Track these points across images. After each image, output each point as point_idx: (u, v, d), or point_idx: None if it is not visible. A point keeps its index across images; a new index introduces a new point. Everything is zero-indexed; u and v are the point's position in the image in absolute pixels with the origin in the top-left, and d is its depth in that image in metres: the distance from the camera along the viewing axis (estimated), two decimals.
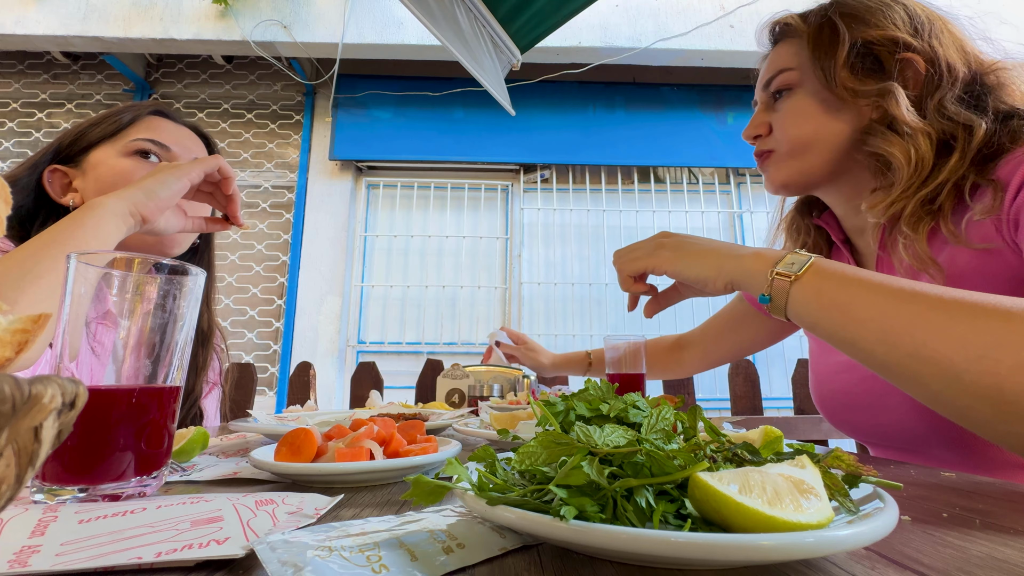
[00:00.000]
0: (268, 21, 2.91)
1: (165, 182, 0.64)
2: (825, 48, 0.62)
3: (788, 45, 0.68)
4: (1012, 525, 0.30)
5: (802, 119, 0.64)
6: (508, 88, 1.88)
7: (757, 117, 0.71)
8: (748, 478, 0.22)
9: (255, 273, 3.17)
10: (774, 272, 0.48)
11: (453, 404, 1.05)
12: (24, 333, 0.20)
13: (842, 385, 0.69)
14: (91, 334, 0.36)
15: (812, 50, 0.63)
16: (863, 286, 0.43)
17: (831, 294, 0.45)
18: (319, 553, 0.23)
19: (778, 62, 0.68)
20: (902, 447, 0.65)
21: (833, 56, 0.61)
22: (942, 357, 0.38)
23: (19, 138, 3.28)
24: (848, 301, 0.43)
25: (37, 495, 0.33)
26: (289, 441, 0.42)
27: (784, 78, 0.67)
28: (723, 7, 2.96)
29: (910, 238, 0.56)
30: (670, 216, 3.24)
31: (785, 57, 0.67)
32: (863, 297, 0.43)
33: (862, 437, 0.71)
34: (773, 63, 0.69)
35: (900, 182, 0.57)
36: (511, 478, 0.28)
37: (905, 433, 0.62)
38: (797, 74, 0.65)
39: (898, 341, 0.40)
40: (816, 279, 0.46)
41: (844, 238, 0.72)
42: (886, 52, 0.60)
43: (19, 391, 0.14)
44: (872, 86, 0.59)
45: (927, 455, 0.62)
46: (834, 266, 0.46)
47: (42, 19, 2.87)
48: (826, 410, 0.73)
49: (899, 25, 0.60)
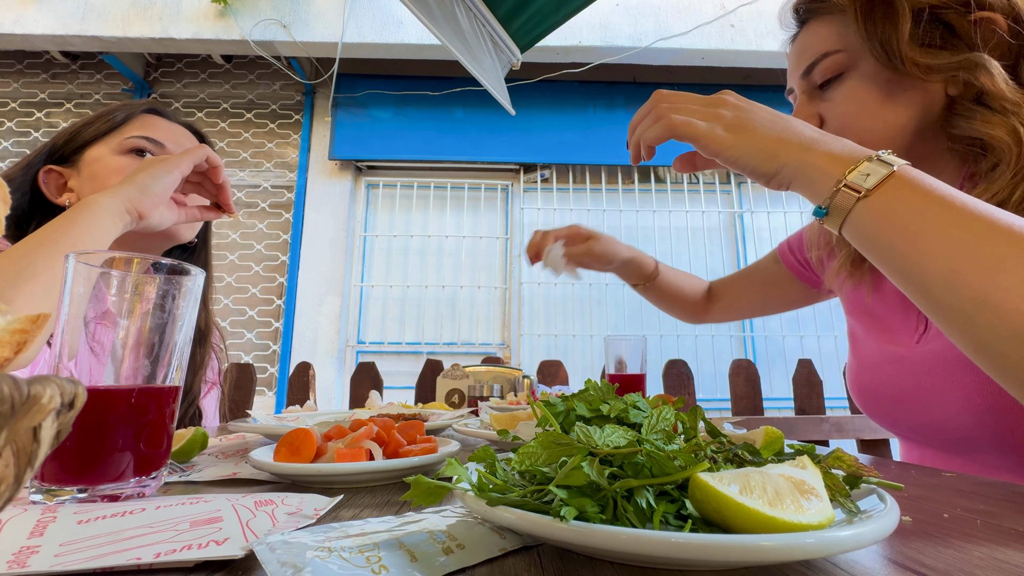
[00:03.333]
0: (267, 20, 2.91)
1: (157, 176, 0.64)
2: (881, 22, 0.52)
3: (826, 23, 0.58)
4: (1013, 526, 0.30)
5: (868, 110, 0.55)
6: (508, 88, 1.88)
7: (802, 110, 0.60)
8: (749, 479, 0.22)
9: (254, 273, 3.16)
10: (843, 183, 0.40)
11: (453, 404, 1.05)
12: (23, 333, 0.20)
13: (889, 377, 0.62)
14: (90, 334, 0.36)
15: (864, 26, 0.54)
16: (946, 209, 0.36)
17: (904, 217, 0.37)
18: (318, 554, 0.23)
19: (819, 44, 0.58)
20: (946, 448, 0.60)
21: (894, 29, 0.51)
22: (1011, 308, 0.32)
23: (18, 138, 3.27)
24: (921, 228, 0.36)
25: (36, 495, 0.33)
26: (288, 441, 0.42)
27: (832, 62, 0.57)
28: (723, 6, 2.96)
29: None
30: (670, 216, 3.24)
31: (827, 38, 0.57)
32: (941, 225, 0.36)
33: (901, 432, 0.65)
34: (811, 46, 0.59)
35: (1009, 165, 0.47)
36: (511, 479, 0.28)
37: (954, 434, 0.57)
38: (847, 56, 0.56)
39: (964, 285, 0.34)
40: (892, 196, 0.38)
41: None
42: (955, 15, 0.51)
43: (18, 391, 0.14)
44: (949, 59, 0.50)
45: (972, 458, 0.58)
46: (918, 180, 0.38)
47: (41, 18, 2.87)
48: (866, 401, 0.67)
49: None
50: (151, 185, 0.63)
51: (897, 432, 0.67)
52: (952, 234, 0.35)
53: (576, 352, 3.07)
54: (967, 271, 0.34)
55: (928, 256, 0.36)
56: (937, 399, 0.57)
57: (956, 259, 0.35)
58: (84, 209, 0.57)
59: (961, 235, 0.35)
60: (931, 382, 0.57)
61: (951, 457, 0.61)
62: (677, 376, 1.43)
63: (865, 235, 0.40)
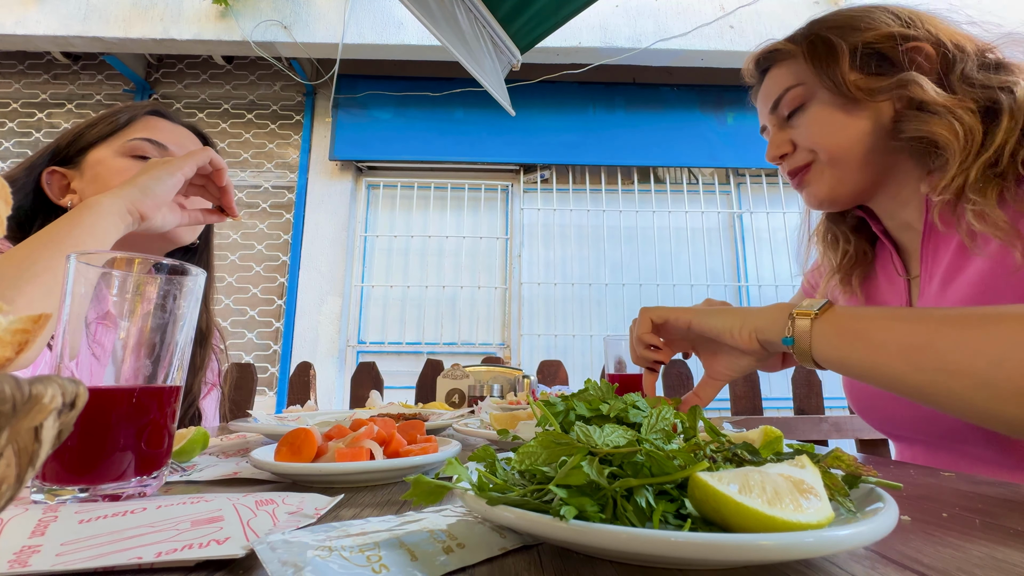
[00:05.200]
0: (268, 21, 2.91)
1: (159, 178, 0.64)
2: (825, 60, 0.62)
3: (783, 68, 0.67)
4: (1012, 525, 0.30)
5: (832, 127, 0.63)
6: (508, 88, 1.88)
7: (776, 137, 0.69)
8: (748, 478, 0.22)
9: (255, 273, 3.17)
10: (794, 312, 0.50)
11: (453, 404, 1.05)
12: (24, 333, 0.20)
13: None
14: (91, 334, 0.36)
15: (812, 64, 0.63)
16: (878, 314, 0.47)
17: (849, 324, 0.48)
18: (319, 553, 0.23)
19: (780, 83, 0.67)
20: (936, 442, 0.64)
21: (836, 65, 0.61)
22: (966, 366, 0.40)
23: (19, 138, 3.28)
24: (866, 327, 0.46)
25: (37, 495, 0.33)
26: (289, 441, 0.42)
27: (793, 95, 0.66)
28: (723, 7, 2.96)
29: (979, 203, 0.54)
30: (670, 216, 3.24)
31: (786, 77, 0.66)
32: (879, 323, 0.46)
33: (892, 430, 0.69)
34: (774, 86, 0.68)
35: (955, 156, 0.55)
36: (511, 478, 0.28)
37: (942, 424, 0.61)
38: (805, 88, 0.64)
39: (921, 358, 0.42)
40: (833, 315, 0.49)
41: (884, 230, 0.70)
42: (889, 47, 0.60)
43: (19, 391, 0.14)
44: (887, 81, 0.59)
45: (961, 452, 0.61)
46: (848, 307, 0.50)
47: (42, 19, 2.88)
48: (858, 402, 0.71)
49: (889, 23, 0.60)
50: (153, 187, 0.63)
51: (888, 430, 0.70)
52: (890, 325, 0.45)
53: (576, 352, 3.07)
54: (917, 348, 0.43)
55: (883, 347, 0.45)
56: None
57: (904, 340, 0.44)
58: (86, 210, 0.57)
59: (896, 325, 0.45)
60: None
61: (940, 453, 0.64)
62: (677, 376, 1.43)
63: (830, 349, 0.48)
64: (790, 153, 0.68)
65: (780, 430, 0.35)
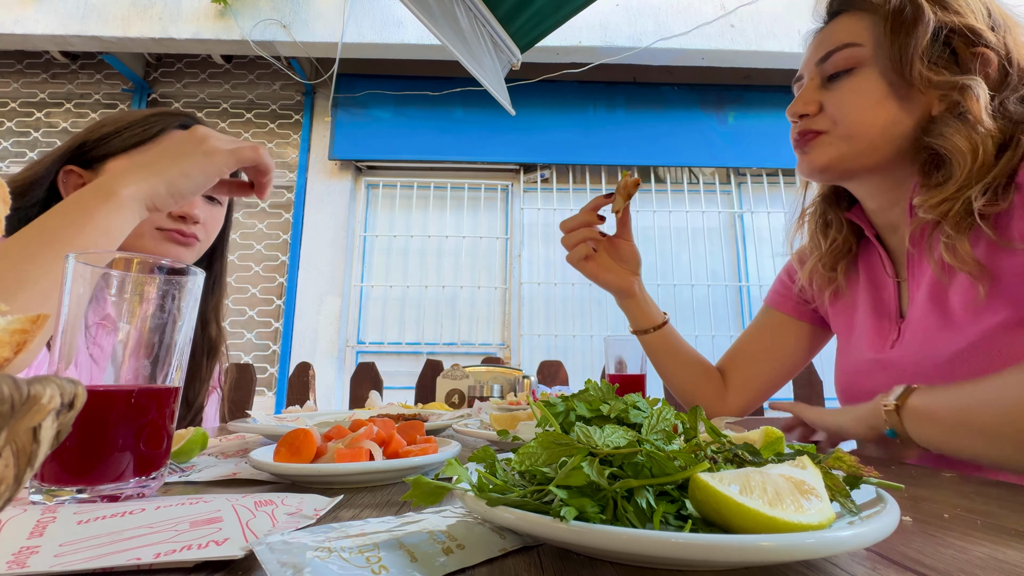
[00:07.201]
0: (267, 20, 2.91)
1: (190, 175, 0.54)
2: (906, 28, 0.58)
3: (856, 19, 0.62)
4: (1013, 526, 0.30)
5: (868, 103, 0.60)
6: (508, 88, 1.88)
7: (807, 93, 0.65)
8: (749, 479, 0.22)
9: (254, 273, 3.17)
10: (883, 402, 0.54)
11: (453, 404, 1.05)
12: (23, 333, 0.20)
13: (869, 381, 0.67)
14: (90, 334, 0.36)
15: (891, 26, 0.58)
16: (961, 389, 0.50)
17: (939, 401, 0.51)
18: (318, 554, 0.23)
19: (843, 34, 0.62)
20: None
21: (912, 38, 0.57)
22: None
23: (17, 138, 3.27)
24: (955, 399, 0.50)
25: (36, 496, 0.33)
26: (288, 442, 0.42)
27: (849, 54, 0.61)
28: (724, 7, 2.96)
29: (952, 238, 0.55)
30: (670, 216, 3.24)
31: (852, 31, 0.62)
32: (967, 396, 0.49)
33: None
34: (834, 35, 0.63)
35: (958, 179, 0.54)
36: (511, 479, 0.28)
37: None
38: (866, 51, 0.60)
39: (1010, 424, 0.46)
40: (917, 395, 0.52)
41: (875, 233, 0.70)
42: (963, 43, 0.57)
43: (18, 391, 0.14)
44: (949, 78, 0.56)
45: None
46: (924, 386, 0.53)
47: (41, 19, 2.87)
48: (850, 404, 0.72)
49: (979, 16, 0.57)
50: (182, 185, 0.54)
51: None
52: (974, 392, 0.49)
53: (576, 352, 3.07)
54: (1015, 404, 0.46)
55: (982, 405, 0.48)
56: None
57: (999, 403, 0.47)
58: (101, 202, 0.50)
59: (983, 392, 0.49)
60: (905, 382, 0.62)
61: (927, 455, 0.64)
62: None
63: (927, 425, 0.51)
64: (812, 115, 0.64)
65: (781, 430, 0.35)
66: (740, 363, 0.87)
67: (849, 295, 0.75)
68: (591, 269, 0.84)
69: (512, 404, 0.86)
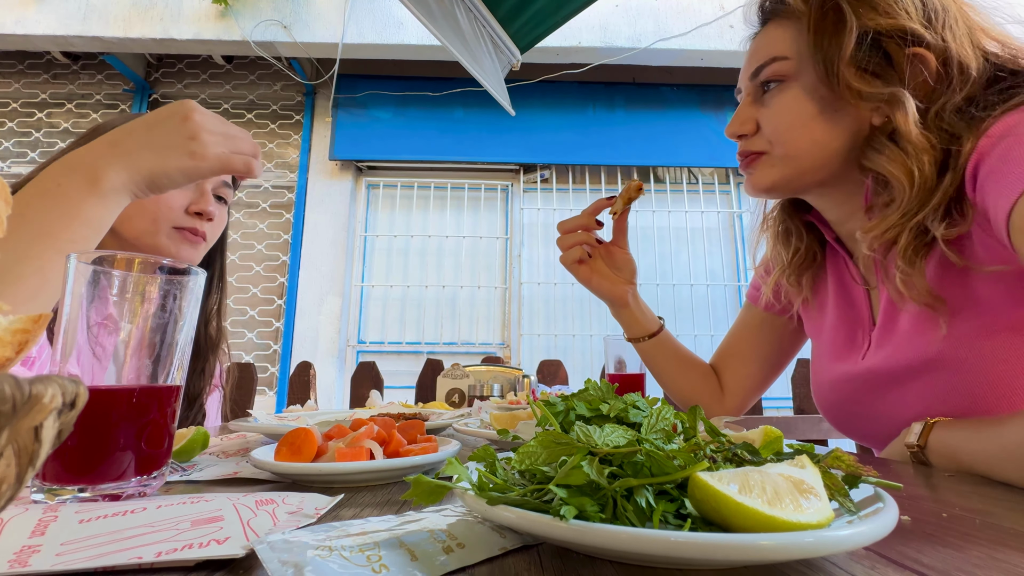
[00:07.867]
0: (268, 21, 2.91)
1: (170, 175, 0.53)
2: (829, 35, 0.54)
3: (782, 27, 0.60)
4: (1012, 525, 0.30)
5: (800, 121, 0.57)
6: (508, 88, 1.88)
7: (743, 112, 0.63)
8: (748, 478, 0.22)
9: (255, 273, 3.17)
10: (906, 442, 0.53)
11: (453, 404, 1.05)
12: (24, 333, 0.20)
13: (848, 395, 0.66)
14: (92, 334, 0.36)
15: (814, 36, 0.55)
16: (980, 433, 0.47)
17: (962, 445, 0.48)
18: (319, 553, 0.23)
19: (770, 48, 0.60)
20: None
21: (838, 46, 0.53)
22: None
23: (19, 138, 3.28)
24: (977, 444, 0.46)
25: (37, 495, 0.33)
26: (289, 441, 0.42)
27: (776, 68, 0.59)
28: (723, 7, 2.96)
29: (907, 272, 0.52)
30: (670, 216, 3.24)
31: (778, 42, 0.59)
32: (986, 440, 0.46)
33: (870, 442, 0.69)
34: (764, 48, 0.61)
35: (899, 206, 0.51)
36: (511, 478, 0.28)
37: None
38: (792, 64, 0.58)
39: None
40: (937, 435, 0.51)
41: (835, 237, 0.68)
42: (895, 45, 0.53)
43: (19, 391, 0.14)
44: (880, 88, 0.52)
45: None
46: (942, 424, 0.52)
47: (42, 19, 2.88)
48: (832, 418, 0.71)
49: (911, 13, 0.52)
50: (160, 183, 0.53)
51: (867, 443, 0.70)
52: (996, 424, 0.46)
53: (576, 352, 3.08)
54: None
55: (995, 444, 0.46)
56: (884, 408, 0.61)
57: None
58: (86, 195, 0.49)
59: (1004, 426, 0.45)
60: (876, 394, 0.61)
61: None
62: None
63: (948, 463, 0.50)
64: (749, 135, 0.62)
65: (780, 430, 0.35)
66: (731, 364, 0.87)
67: (819, 302, 0.72)
68: (584, 273, 0.83)
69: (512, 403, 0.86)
